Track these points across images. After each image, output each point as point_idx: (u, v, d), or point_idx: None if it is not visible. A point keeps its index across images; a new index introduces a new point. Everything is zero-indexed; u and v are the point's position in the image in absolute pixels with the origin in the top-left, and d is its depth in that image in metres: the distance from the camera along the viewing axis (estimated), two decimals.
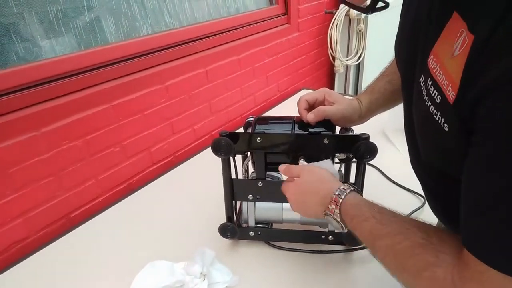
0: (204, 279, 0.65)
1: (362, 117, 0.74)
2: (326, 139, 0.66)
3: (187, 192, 0.96)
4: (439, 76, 0.38)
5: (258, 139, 0.67)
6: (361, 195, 0.60)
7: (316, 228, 0.76)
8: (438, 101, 0.38)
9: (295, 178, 0.62)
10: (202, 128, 1.22)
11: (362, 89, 1.98)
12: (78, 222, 0.87)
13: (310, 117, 0.69)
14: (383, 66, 0.78)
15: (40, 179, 0.82)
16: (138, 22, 1.02)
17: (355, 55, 1.85)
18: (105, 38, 0.95)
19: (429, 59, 0.41)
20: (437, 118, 0.39)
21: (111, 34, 0.96)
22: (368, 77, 1.93)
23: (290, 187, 0.63)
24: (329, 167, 0.64)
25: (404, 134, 0.64)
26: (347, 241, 0.73)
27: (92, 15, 0.92)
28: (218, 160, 0.69)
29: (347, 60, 1.84)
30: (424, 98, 0.41)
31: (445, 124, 0.37)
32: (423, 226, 0.45)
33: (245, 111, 1.41)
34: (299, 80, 1.71)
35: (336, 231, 0.73)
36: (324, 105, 0.72)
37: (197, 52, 1.16)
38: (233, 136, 0.67)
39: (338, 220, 0.56)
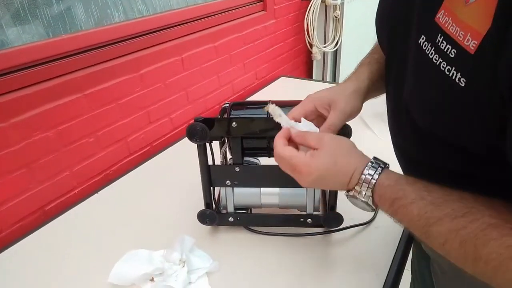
0: (183, 266, 0.65)
1: (366, 95, 0.62)
2: None
3: (165, 181, 0.95)
4: (452, 29, 0.36)
5: (234, 124, 0.67)
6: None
7: (295, 212, 0.77)
8: (452, 55, 0.35)
9: (310, 153, 0.50)
10: (179, 117, 1.21)
11: (340, 75, 2.00)
12: (53, 214, 0.85)
13: (294, 132, 0.55)
14: (360, 52, 0.74)
15: (11, 172, 0.80)
16: (109, 9, 0.99)
17: (332, 42, 1.86)
18: (75, 26, 0.91)
19: (438, 16, 0.38)
20: (450, 75, 0.35)
21: (81, 21, 0.93)
22: (346, 63, 1.95)
23: (303, 168, 0.49)
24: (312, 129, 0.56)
25: (382, 119, 0.65)
26: (326, 223, 0.74)
27: (60, 2, 0.88)
28: (196, 149, 0.69)
29: (324, 47, 1.85)
30: (431, 57, 0.37)
31: (461, 79, 0.34)
32: (488, 201, 0.38)
33: (223, 99, 1.40)
34: (277, 67, 1.70)
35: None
36: (321, 114, 0.59)
37: (172, 40, 1.13)
38: (208, 122, 0.67)
39: (370, 203, 0.48)
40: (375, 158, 0.49)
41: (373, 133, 1.14)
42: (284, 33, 1.68)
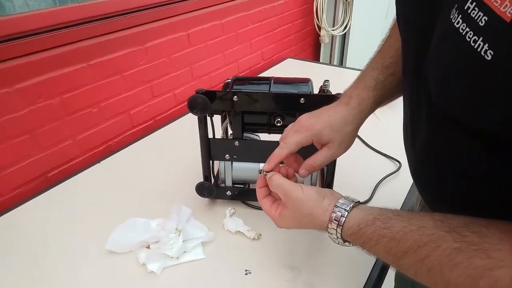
0: (179, 235, 0.66)
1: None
2: (302, 99, 0.66)
3: (166, 155, 0.96)
4: None
5: (235, 98, 0.67)
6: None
7: None
8: (482, 24, 0.31)
9: (279, 213, 0.53)
10: (183, 92, 1.21)
11: (348, 59, 1.98)
12: (55, 181, 0.86)
13: (304, 173, 0.57)
14: (369, 36, 0.72)
15: (14, 137, 0.81)
16: None
17: (341, 25, 1.83)
18: None
19: None
20: (476, 46, 0.31)
21: None
22: (354, 47, 1.92)
23: (275, 223, 0.55)
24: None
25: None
26: None
27: None
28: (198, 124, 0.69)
29: (333, 30, 1.83)
30: (457, 26, 0.33)
31: (488, 51, 0.30)
32: (448, 224, 0.37)
33: (227, 78, 1.39)
34: (284, 49, 1.69)
35: None
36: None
37: (179, 14, 1.13)
38: (210, 94, 0.67)
39: (347, 245, 0.50)
40: (336, 206, 0.49)
41: (375, 116, 1.14)
42: (292, 14, 1.66)
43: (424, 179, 0.50)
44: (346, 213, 0.47)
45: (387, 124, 1.11)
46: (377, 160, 0.96)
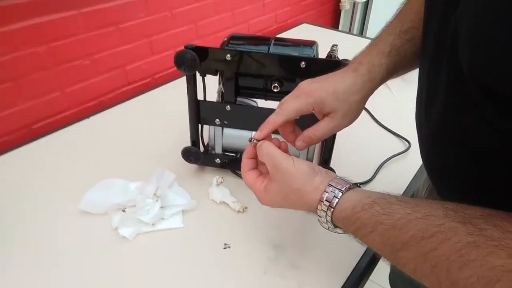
0: (157, 200, 0.61)
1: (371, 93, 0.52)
2: (303, 63, 0.59)
3: (161, 116, 0.91)
4: None
5: (228, 56, 0.60)
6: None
7: None
8: None
9: (264, 186, 0.47)
10: None
11: (369, 29, 1.85)
12: (40, 134, 0.82)
13: (300, 146, 0.51)
14: (394, 4, 0.62)
15: None
16: None
17: None
18: None
19: None
20: None
21: None
22: (377, 16, 1.79)
23: (259, 199, 0.49)
24: None
25: (402, 78, 0.55)
26: None
27: None
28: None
29: None
30: None
31: None
32: (462, 215, 0.31)
33: None
34: (301, 13, 1.58)
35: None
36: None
37: None
38: (200, 51, 0.60)
39: (337, 232, 0.44)
40: (330, 185, 0.42)
41: (390, 91, 1.05)
42: None
43: (436, 160, 0.43)
44: (340, 193, 0.41)
45: (401, 100, 1.02)
46: (385, 137, 0.89)
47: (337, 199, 0.41)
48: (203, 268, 0.56)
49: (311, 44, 0.66)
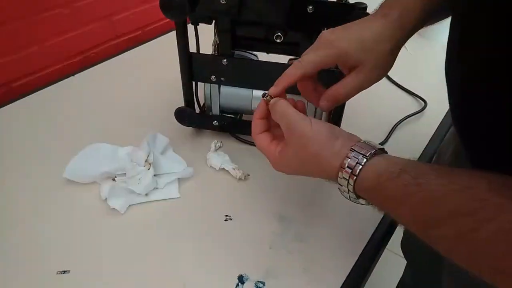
0: (149, 168, 0.55)
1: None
2: (310, 7, 0.50)
3: (152, 73, 0.82)
4: None
5: (223, 0, 0.50)
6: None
7: None
8: None
9: (279, 150, 0.41)
10: None
11: None
12: (20, 93, 0.75)
13: (324, 106, 0.44)
14: None
15: None
16: None
17: None
18: None
19: None
20: None
21: None
22: None
23: (272, 164, 0.43)
24: None
25: (418, 32, 0.47)
26: None
27: None
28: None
29: None
30: None
31: None
32: (508, 189, 0.26)
33: None
34: None
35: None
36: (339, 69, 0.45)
37: None
38: None
39: (360, 203, 0.39)
40: (352, 150, 0.36)
41: (404, 47, 0.96)
42: None
43: (469, 116, 0.37)
44: (364, 159, 0.35)
45: (415, 55, 0.93)
46: (399, 96, 0.81)
47: (360, 166, 0.35)
48: (202, 243, 0.51)
49: None
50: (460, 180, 0.29)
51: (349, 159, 0.36)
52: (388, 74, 0.84)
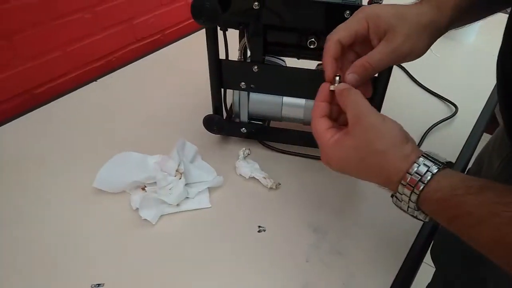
0: (180, 178, 0.54)
1: (443, 31, 0.42)
2: (348, 12, 0.48)
3: (176, 78, 0.81)
4: None
5: (256, 5, 0.49)
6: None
7: None
8: None
9: (336, 139, 0.38)
10: None
11: None
12: (44, 100, 0.74)
13: (352, 79, 0.40)
14: None
15: None
16: None
17: None
18: None
19: None
20: None
21: None
22: None
23: (322, 154, 0.39)
24: None
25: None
26: None
27: None
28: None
29: None
30: None
31: None
32: None
33: None
34: None
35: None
36: (370, 44, 0.41)
37: None
38: None
39: (420, 217, 0.36)
40: (423, 156, 0.34)
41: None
42: None
43: None
44: (436, 169, 0.33)
45: (443, 59, 0.91)
46: (428, 101, 0.79)
47: (430, 174, 0.32)
48: (236, 255, 0.49)
49: None
50: None
51: (418, 165, 0.33)
52: (416, 78, 0.83)
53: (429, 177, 0.32)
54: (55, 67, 0.77)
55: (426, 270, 0.83)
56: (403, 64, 0.86)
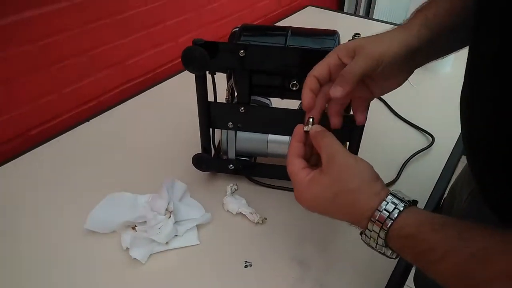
0: (169, 217, 0.56)
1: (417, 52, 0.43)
2: None
3: (165, 116, 0.85)
4: None
5: (241, 52, 0.53)
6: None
7: None
8: None
9: (310, 178, 0.40)
10: (188, 41, 1.04)
11: (376, 10, 1.76)
12: (37, 142, 0.76)
13: (337, 92, 0.41)
14: None
15: None
16: None
17: None
18: None
19: None
20: None
21: None
22: None
23: (296, 192, 0.42)
24: None
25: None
26: None
27: None
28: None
29: None
30: None
31: None
32: None
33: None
34: None
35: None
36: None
37: None
38: (210, 47, 0.53)
39: (388, 254, 0.38)
40: (392, 194, 0.36)
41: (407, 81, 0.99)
42: None
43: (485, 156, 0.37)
44: (403, 206, 0.35)
45: (421, 90, 0.95)
46: (407, 133, 0.83)
47: (398, 211, 0.35)
48: None
49: (332, 33, 0.60)
50: (507, 238, 0.29)
51: (387, 203, 0.35)
52: (395, 109, 0.88)
53: (396, 214, 0.35)
54: (49, 109, 0.80)
55: None
56: (383, 97, 0.91)
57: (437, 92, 0.97)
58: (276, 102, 0.65)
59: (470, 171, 0.42)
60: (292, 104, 0.62)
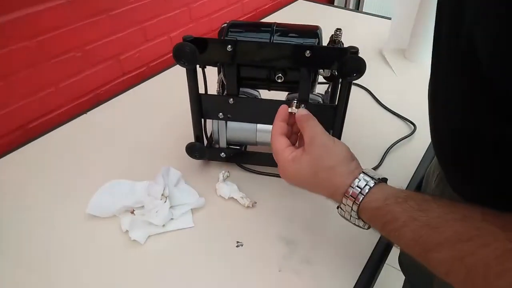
0: (165, 201, 0.60)
1: None
2: (308, 51, 0.56)
3: (159, 107, 0.88)
4: None
5: (229, 47, 0.57)
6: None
7: None
8: None
9: (293, 156, 0.45)
10: (179, 36, 1.07)
11: (365, 3, 1.79)
12: (36, 134, 0.80)
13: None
14: None
15: None
16: None
17: None
18: None
19: None
20: None
21: None
22: None
23: (281, 169, 0.47)
24: None
25: (404, 56, 0.53)
26: None
27: None
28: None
29: None
30: None
31: None
32: (502, 220, 0.30)
33: (230, 20, 1.26)
34: None
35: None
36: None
37: None
38: (199, 42, 0.57)
39: (360, 225, 0.43)
40: (364, 173, 0.42)
41: (391, 71, 1.03)
42: None
43: (449, 151, 0.42)
44: (373, 183, 0.40)
45: (402, 79, 1.00)
46: (389, 120, 0.87)
47: (368, 187, 0.40)
48: (217, 268, 0.55)
49: (314, 29, 0.63)
50: (459, 210, 0.33)
51: (359, 180, 0.41)
52: (378, 98, 0.92)
53: (367, 190, 0.40)
54: (47, 102, 0.83)
55: (401, 276, 0.89)
56: (367, 86, 0.95)
57: (419, 81, 1.01)
58: (265, 94, 0.69)
59: (436, 156, 0.47)
60: (279, 95, 0.66)
